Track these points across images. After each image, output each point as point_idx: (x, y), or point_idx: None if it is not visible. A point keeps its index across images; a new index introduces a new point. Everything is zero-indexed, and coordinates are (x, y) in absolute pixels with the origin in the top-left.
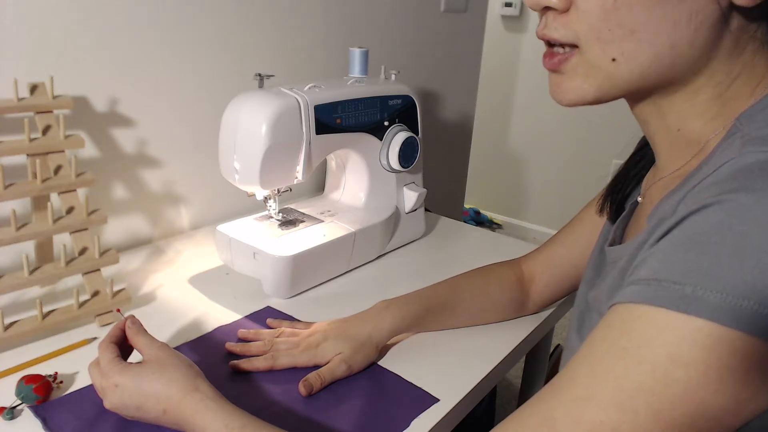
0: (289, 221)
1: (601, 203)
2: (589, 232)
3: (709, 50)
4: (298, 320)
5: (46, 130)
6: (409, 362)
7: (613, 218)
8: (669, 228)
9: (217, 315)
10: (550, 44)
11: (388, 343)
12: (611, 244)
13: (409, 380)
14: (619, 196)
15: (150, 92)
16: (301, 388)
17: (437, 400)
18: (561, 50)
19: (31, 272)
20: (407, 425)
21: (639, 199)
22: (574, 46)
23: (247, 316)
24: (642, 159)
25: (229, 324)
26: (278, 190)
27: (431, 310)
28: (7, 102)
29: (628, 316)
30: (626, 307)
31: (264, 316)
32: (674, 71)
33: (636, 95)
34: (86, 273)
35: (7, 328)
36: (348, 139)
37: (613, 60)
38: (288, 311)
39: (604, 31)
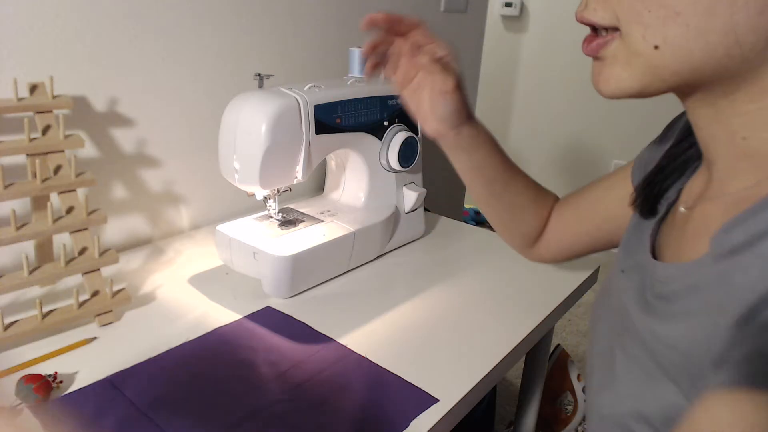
0: (289, 221)
1: (634, 196)
2: (619, 198)
3: None
4: (298, 320)
5: (45, 130)
6: (409, 362)
7: (645, 214)
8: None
9: (217, 315)
10: (594, 28)
11: (388, 343)
12: (651, 251)
13: (409, 380)
14: (655, 193)
15: (150, 92)
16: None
17: (437, 400)
18: (604, 33)
19: (31, 272)
20: (407, 425)
21: (682, 209)
22: (615, 29)
23: (247, 316)
24: (684, 152)
25: (229, 324)
26: (278, 190)
27: (483, 162)
28: (7, 102)
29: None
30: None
31: (264, 316)
32: (733, 63)
33: (688, 90)
34: (86, 273)
35: (7, 328)
36: (348, 139)
37: (656, 48)
38: (288, 311)
39: (644, 13)
